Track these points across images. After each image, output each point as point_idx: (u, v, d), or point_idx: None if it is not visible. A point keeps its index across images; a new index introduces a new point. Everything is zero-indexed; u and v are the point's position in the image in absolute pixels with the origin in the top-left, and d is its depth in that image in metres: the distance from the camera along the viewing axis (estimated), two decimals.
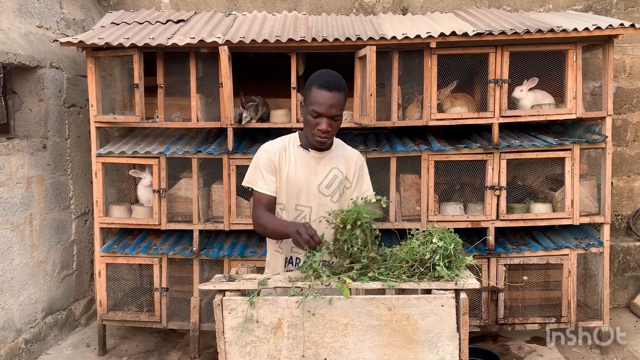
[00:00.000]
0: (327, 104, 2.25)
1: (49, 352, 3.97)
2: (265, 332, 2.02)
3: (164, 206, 3.80)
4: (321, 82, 2.27)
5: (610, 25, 3.50)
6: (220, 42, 3.54)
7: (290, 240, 2.27)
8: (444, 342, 1.98)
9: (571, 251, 3.76)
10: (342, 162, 2.45)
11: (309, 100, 2.29)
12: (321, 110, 2.26)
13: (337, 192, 2.43)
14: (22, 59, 3.71)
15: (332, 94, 2.26)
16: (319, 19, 4.21)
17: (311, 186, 2.39)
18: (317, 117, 2.27)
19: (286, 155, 2.38)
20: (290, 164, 2.37)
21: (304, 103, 2.34)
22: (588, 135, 3.79)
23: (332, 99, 2.26)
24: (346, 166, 2.46)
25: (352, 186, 2.46)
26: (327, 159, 2.42)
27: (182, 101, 4.02)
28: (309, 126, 2.31)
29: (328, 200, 2.42)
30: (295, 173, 2.37)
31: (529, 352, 3.88)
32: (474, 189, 3.95)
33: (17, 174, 3.70)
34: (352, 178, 2.46)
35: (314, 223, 2.37)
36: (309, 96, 2.30)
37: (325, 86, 2.26)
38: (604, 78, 3.76)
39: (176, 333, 4.29)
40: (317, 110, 2.26)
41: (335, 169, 2.42)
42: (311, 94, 2.28)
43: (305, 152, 2.39)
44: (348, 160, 2.47)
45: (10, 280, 3.61)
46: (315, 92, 2.26)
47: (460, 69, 3.78)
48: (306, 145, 2.40)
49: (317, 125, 2.28)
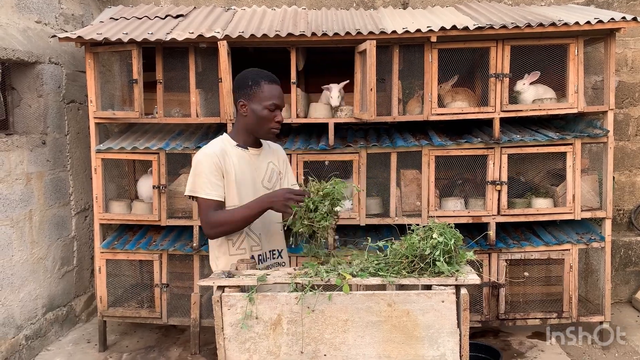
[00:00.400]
0: (281, 96, 2.39)
1: (49, 348, 3.97)
2: (264, 328, 2.01)
3: (164, 202, 3.79)
4: (269, 78, 2.37)
5: (612, 19, 3.47)
6: (219, 37, 3.52)
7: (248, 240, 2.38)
8: (444, 338, 1.97)
9: (573, 246, 3.75)
10: (273, 155, 2.55)
11: (262, 96, 2.34)
12: (279, 102, 2.36)
13: (277, 184, 2.51)
14: (21, 55, 3.69)
15: (279, 87, 2.39)
16: (319, 13, 4.19)
17: (256, 183, 2.43)
18: (275, 110, 2.36)
19: (228, 158, 2.37)
20: (236, 165, 2.38)
21: (251, 101, 2.35)
22: (590, 129, 3.76)
23: (281, 90, 2.40)
24: (277, 158, 2.56)
25: (283, 176, 2.56)
26: (263, 154, 2.49)
27: (181, 97, 4.00)
28: (265, 121, 2.36)
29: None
30: (242, 173, 2.39)
31: (530, 348, 3.87)
32: (475, 184, 3.94)
33: (17, 170, 3.69)
34: (282, 168, 2.57)
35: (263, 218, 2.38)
36: (259, 92, 2.34)
37: (274, 80, 2.38)
38: (605, 72, 3.73)
39: (177, 329, 4.29)
40: (276, 102, 2.35)
41: (270, 162, 2.51)
42: (263, 90, 2.34)
43: (245, 151, 2.42)
44: (276, 152, 2.58)
45: (10, 277, 3.61)
46: (267, 87, 2.35)
47: (461, 63, 3.76)
48: (243, 144, 2.42)
49: (275, 118, 2.37)
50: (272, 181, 2.49)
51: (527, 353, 3.79)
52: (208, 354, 3.86)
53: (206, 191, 2.30)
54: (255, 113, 2.35)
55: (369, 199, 3.81)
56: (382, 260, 2.10)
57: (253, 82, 2.36)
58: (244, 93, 2.36)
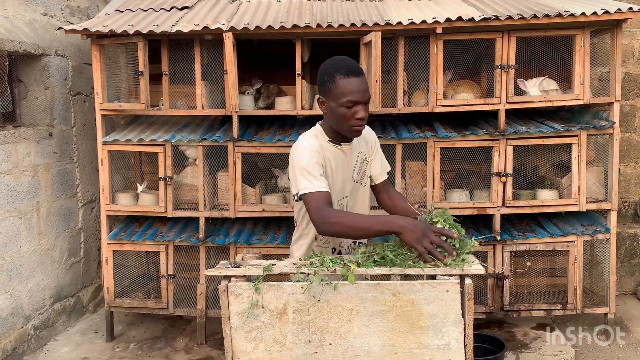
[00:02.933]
0: (362, 90, 2.14)
1: (57, 338, 4.01)
2: (270, 318, 2.02)
3: (170, 194, 3.81)
4: (345, 70, 2.14)
5: (618, 10, 3.46)
6: (224, 29, 3.52)
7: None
8: (449, 328, 1.98)
9: (577, 238, 3.75)
10: (363, 142, 2.41)
11: (337, 92, 2.14)
12: (357, 98, 2.13)
13: (365, 175, 2.40)
14: (28, 47, 3.71)
15: (360, 79, 2.15)
16: (324, 4, 4.18)
17: (347, 178, 2.34)
18: (354, 106, 2.14)
19: (327, 153, 2.27)
20: (331, 162, 2.28)
21: (328, 98, 2.18)
22: (595, 121, 3.75)
23: (362, 83, 2.15)
24: (366, 144, 2.43)
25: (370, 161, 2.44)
26: (354, 146, 2.35)
27: (187, 89, 4.01)
28: (344, 119, 2.16)
29: (359, 185, 2.40)
30: (336, 171, 2.29)
31: (534, 339, 3.88)
32: (480, 175, 3.94)
33: (24, 162, 3.72)
34: (370, 153, 2.45)
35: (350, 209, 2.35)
36: (334, 88, 2.14)
37: (352, 73, 2.14)
38: (612, 63, 3.72)
39: (183, 319, 4.32)
40: (353, 99, 2.13)
41: (360, 152, 2.38)
42: (338, 86, 2.13)
43: (337, 146, 2.30)
44: (365, 137, 2.42)
45: (18, 268, 3.65)
46: (343, 82, 2.13)
47: (467, 54, 3.75)
48: (335, 140, 2.29)
49: (355, 115, 2.15)
50: (360, 172, 2.37)
51: (532, 344, 3.80)
52: (214, 344, 3.90)
53: (315, 184, 2.13)
54: (333, 111, 2.17)
55: None
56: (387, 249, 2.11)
57: (328, 76, 2.16)
58: (322, 89, 2.19)
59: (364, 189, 2.42)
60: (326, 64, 2.23)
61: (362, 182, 2.41)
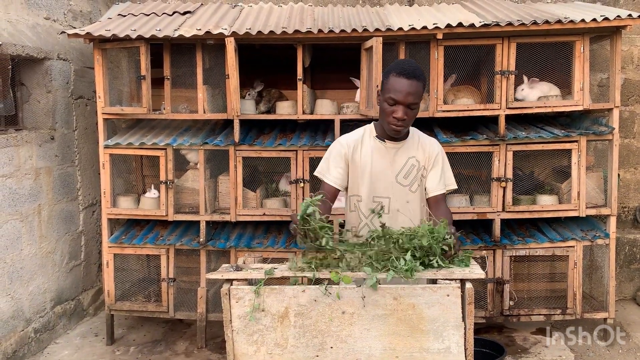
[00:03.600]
0: (405, 92, 2.22)
1: (57, 342, 4.01)
2: (272, 321, 2.04)
3: (171, 197, 3.82)
4: (400, 70, 2.24)
5: (618, 16, 3.48)
6: (226, 34, 3.54)
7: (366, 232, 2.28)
8: (449, 332, 1.99)
9: (577, 243, 3.76)
10: (418, 149, 2.43)
11: (386, 88, 2.27)
12: (398, 98, 2.22)
13: (416, 181, 2.41)
14: (30, 51, 3.73)
15: (410, 82, 2.23)
16: (325, 10, 4.20)
17: (388, 177, 2.37)
18: (394, 105, 2.24)
19: (361, 148, 2.36)
20: (367, 156, 2.35)
21: (381, 92, 2.32)
22: (595, 127, 3.77)
23: (410, 86, 2.23)
24: (422, 153, 2.43)
25: (427, 174, 2.45)
26: (403, 148, 2.39)
27: (188, 93, 4.03)
28: (385, 114, 2.29)
29: (407, 190, 2.41)
30: (372, 164, 2.35)
31: (534, 343, 3.89)
32: (480, 180, 3.95)
33: (26, 165, 3.74)
34: (427, 164, 2.44)
35: (393, 213, 2.38)
36: (386, 84, 2.28)
37: (404, 74, 2.22)
38: (611, 69, 3.74)
39: (183, 323, 4.33)
40: (393, 97, 2.23)
41: (412, 158, 2.40)
42: (389, 82, 2.26)
43: (382, 142, 2.37)
44: (423, 146, 2.44)
45: (19, 270, 3.66)
46: (393, 79, 2.24)
47: (467, 60, 3.77)
48: (382, 136, 2.37)
49: (393, 113, 2.25)
50: (409, 177, 2.40)
51: (531, 349, 3.81)
52: (214, 348, 3.90)
53: (325, 175, 2.41)
54: (380, 105, 2.30)
55: None
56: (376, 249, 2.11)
57: (386, 72, 2.29)
58: (382, 82, 2.32)
59: (414, 195, 2.43)
60: (396, 60, 2.44)
61: (412, 188, 2.42)
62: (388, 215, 2.37)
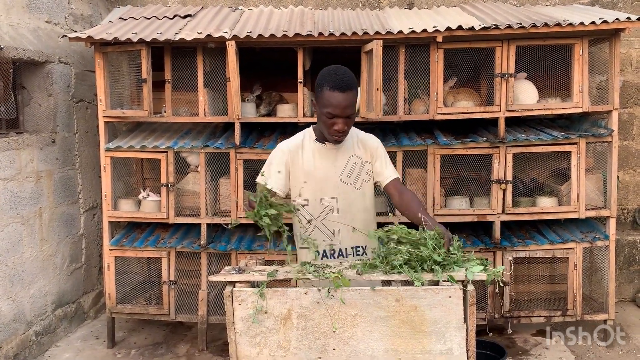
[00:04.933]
0: (342, 106, 2.25)
1: (58, 345, 4.02)
2: (274, 323, 2.04)
3: (172, 200, 3.83)
4: (332, 84, 2.24)
5: (617, 19, 3.50)
6: (227, 37, 3.56)
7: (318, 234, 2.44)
8: (451, 333, 2.00)
9: (577, 245, 3.77)
10: (359, 147, 2.48)
11: (321, 101, 2.28)
12: (336, 112, 2.26)
13: (360, 178, 2.46)
14: (31, 54, 3.74)
15: (345, 95, 2.25)
16: (326, 13, 4.22)
17: (333, 178, 2.42)
18: (333, 118, 2.28)
19: (303, 152, 2.40)
20: (309, 160, 2.39)
21: (316, 102, 2.34)
22: (594, 129, 3.79)
23: (345, 100, 2.25)
24: (363, 149, 2.48)
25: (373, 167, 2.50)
26: (344, 148, 2.44)
27: (189, 96, 4.04)
28: (325, 126, 2.32)
29: (352, 189, 2.46)
30: (315, 167, 2.40)
31: (534, 345, 3.90)
32: (480, 183, 3.97)
33: (27, 169, 3.74)
34: (370, 158, 2.49)
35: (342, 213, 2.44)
36: (321, 97, 2.28)
37: (338, 87, 2.24)
38: (610, 72, 3.76)
39: (184, 326, 4.33)
40: (331, 112, 2.26)
41: (353, 156, 2.45)
42: (324, 96, 2.26)
43: (322, 145, 2.42)
44: (363, 142, 2.49)
45: (20, 273, 3.66)
46: (327, 94, 2.24)
47: (467, 63, 3.79)
48: (321, 139, 2.42)
49: (334, 126, 2.29)
50: (352, 175, 2.45)
51: (532, 350, 3.82)
52: (215, 351, 3.90)
53: (265, 180, 2.37)
54: (318, 116, 2.34)
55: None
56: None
57: (319, 84, 2.30)
58: (315, 93, 2.34)
59: (358, 192, 2.48)
60: (323, 72, 2.34)
61: (356, 185, 2.47)
62: (338, 215, 2.43)
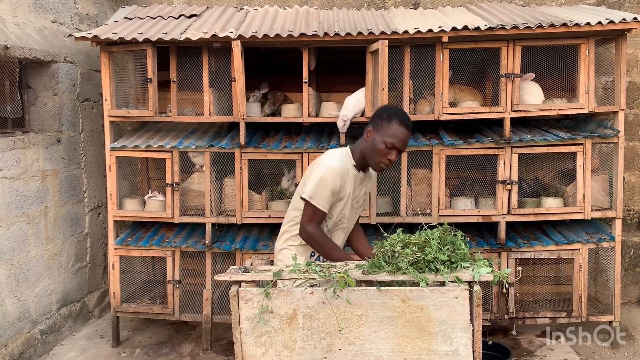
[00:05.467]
0: (405, 141, 2.54)
1: (63, 343, 4.03)
2: (280, 323, 2.04)
3: (177, 200, 3.83)
4: (403, 120, 2.51)
5: (623, 19, 3.49)
6: (233, 37, 3.56)
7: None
8: (457, 334, 2.00)
9: (582, 246, 3.76)
10: (370, 181, 2.81)
11: (387, 132, 2.49)
12: (399, 145, 2.51)
13: (362, 207, 2.77)
14: (37, 54, 3.75)
15: (409, 133, 2.55)
16: (331, 13, 4.22)
17: (353, 202, 2.67)
18: (392, 149, 2.50)
19: (347, 177, 2.58)
20: (351, 185, 2.60)
21: (377, 131, 2.52)
22: (600, 129, 3.78)
23: (408, 136, 2.56)
24: (370, 183, 2.80)
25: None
26: (365, 179, 2.70)
27: (194, 95, 4.05)
28: (379, 154, 2.52)
29: (354, 213, 2.74)
30: (353, 193, 2.62)
31: (539, 346, 3.89)
32: (485, 183, 3.96)
33: (33, 168, 3.75)
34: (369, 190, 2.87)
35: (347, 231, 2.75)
36: (388, 128, 2.50)
37: (406, 125, 2.52)
38: (616, 72, 3.74)
39: (188, 325, 4.33)
40: (395, 144, 2.49)
41: (365, 187, 2.74)
42: (392, 128, 2.49)
43: (359, 173, 2.63)
44: (371, 178, 2.83)
45: (26, 272, 3.67)
46: (396, 127, 2.49)
47: (472, 63, 3.78)
48: (359, 167, 2.62)
49: (388, 155, 2.51)
50: (359, 203, 2.73)
51: (537, 352, 3.81)
52: (220, 350, 3.91)
53: (321, 204, 2.51)
54: (374, 143, 2.51)
55: (379, 197, 3.84)
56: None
57: (387, 117, 2.52)
58: (376, 123, 2.54)
59: (355, 217, 2.79)
60: (390, 108, 2.67)
61: (358, 210, 2.77)
62: (344, 232, 2.73)
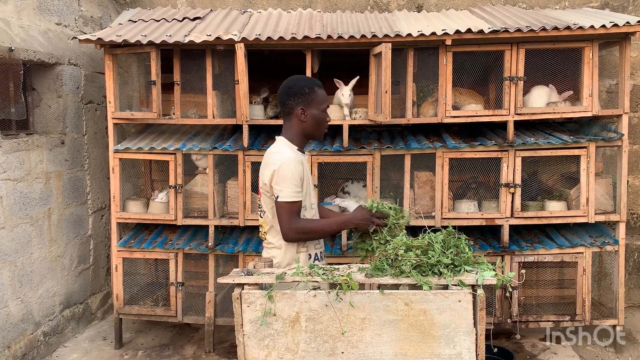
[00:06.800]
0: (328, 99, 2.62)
1: (66, 345, 4.03)
2: (283, 326, 2.04)
3: (180, 202, 3.84)
4: (318, 84, 2.55)
5: (627, 23, 3.48)
6: (236, 40, 3.57)
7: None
8: (460, 337, 1.99)
9: (586, 249, 3.75)
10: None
11: (318, 100, 2.51)
12: (328, 105, 2.59)
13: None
14: (42, 56, 3.77)
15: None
16: (334, 16, 4.22)
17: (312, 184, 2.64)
18: (325, 111, 2.56)
19: (304, 161, 2.56)
20: (307, 169, 2.58)
21: (310, 107, 2.49)
22: (604, 133, 3.77)
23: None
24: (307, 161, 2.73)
25: None
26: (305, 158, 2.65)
27: (198, 98, 4.06)
28: (321, 123, 2.55)
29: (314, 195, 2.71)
30: (308, 176, 2.58)
31: (542, 350, 3.88)
32: (489, 186, 3.95)
33: (37, 170, 3.76)
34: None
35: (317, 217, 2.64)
36: (316, 97, 2.51)
37: (322, 86, 2.56)
38: (620, 76, 3.74)
39: (191, 327, 4.33)
40: (327, 106, 2.56)
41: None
42: (318, 95, 2.52)
43: (304, 155, 2.60)
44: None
45: (29, 274, 3.68)
46: (320, 92, 2.53)
47: (475, 66, 3.78)
48: (300, 149, 2.57)
49: (326, 118, 2.58)
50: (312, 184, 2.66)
51: (540, 355, 3.80)
52: (222, 353, 3.90)
53: (293, 195, 2.38)
54: (314, 117, 2.52)
55: (382, 200, 3.83)
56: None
57: (309, 89, 2.51)
58: (302, 100, 2.49)
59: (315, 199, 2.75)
60: (299, 79, 2.59)
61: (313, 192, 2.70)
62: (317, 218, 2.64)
